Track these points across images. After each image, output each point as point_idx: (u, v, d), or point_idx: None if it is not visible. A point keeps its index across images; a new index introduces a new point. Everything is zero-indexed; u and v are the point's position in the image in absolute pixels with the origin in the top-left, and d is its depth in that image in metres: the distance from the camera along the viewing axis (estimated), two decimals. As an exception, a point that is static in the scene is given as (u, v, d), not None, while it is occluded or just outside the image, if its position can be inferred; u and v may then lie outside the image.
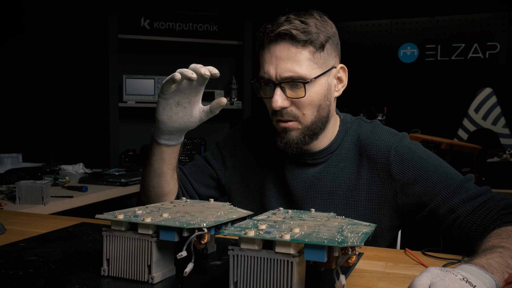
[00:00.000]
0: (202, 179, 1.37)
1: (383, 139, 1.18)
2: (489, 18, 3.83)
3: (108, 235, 0.79)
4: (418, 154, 1.16)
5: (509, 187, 2.55)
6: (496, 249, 0.82)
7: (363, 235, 0.70)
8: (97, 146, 3.82)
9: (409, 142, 1.19)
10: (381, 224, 1.18)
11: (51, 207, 1.97)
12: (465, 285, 0.64)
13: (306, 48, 1.09)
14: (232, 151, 1.36)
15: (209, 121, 1.19)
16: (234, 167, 1.35)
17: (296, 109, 1.13)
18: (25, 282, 0.77)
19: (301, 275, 0.68)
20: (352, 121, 1.26)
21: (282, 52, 1.09)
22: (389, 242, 1.24)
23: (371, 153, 1.19)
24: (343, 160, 1.21)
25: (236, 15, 4.02)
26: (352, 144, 1.22)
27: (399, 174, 1.15)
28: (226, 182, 1.36)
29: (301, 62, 1.09)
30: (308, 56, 1.09)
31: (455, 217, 1.08)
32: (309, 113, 1.13)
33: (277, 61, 1.10)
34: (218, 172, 1.36)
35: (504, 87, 3.79)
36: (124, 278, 0.79)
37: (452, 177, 1.12)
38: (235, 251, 0.68)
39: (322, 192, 1.21)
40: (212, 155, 1.39)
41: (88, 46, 3.90)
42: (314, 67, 1.10)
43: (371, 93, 4.04)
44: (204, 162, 1.39)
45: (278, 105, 1.10)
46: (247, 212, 0.91)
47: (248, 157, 1.33)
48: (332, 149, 1.22)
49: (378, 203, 1.18)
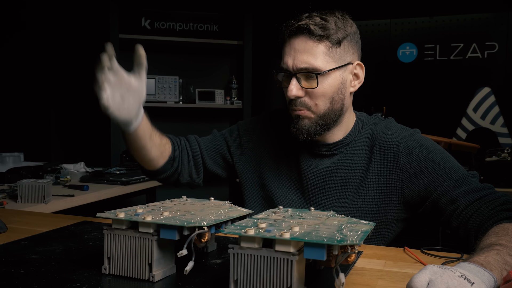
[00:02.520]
0: (215, 156, 1.41)
1: (395, 133, 1.24)
2: (487, 18, 3.83)
3: (109, 233, 0.80)
4: (426, 147, 1.20)
5: (508, 185, 2.56)
6: (494, 246, 0.83)
7: (362, 234, 0.70)
8: (98, 145, 3.83)
9: (420, 136, 1.24)
10: (386, 215, 1.21)
11: (53, 206, 1.98)
12: (463, 282, 0.64)
13: (323, 42, 1.15)
14: (251, 138, 1.40)
15: (209, 121, 1.20)
16: (250, 154, 1.39)
17: (309, 99, 1.18)
18: (27, 280, 0.78)
19: (301, 273, 0.68)
20: (368, 117, 1.32)
21: (299, 45, 1.16)
22: (393, 235, 1.25)
23: (382, 145, 1.23)
24: (357, 152, 1.26)
25: (236, 15, 4.02)
26: (367, 138, 1.27)
27: (407, 164, 1.19)
28: (240, 167, 1.39)
29: (317, 55, 1.15)
30: (324, 50, 1.15)
31: (455, 208, 1.11)
32: (321, 104, 1.18)
33: (295, 53, 1.16)
34: (233, 155, 1.40)
35: (503, 87, 3.80)
36: (125, 276, 0.79)
37: (457, 170, 1.16)
38: (235, 249, 0.68)
39: (335, 183, 1.25)
40: (232, 137, 1.42)
41: (89, 46, 3.90)
42: (329, 60, 1.16)
43: (370, 92, 4.04)
44: (223, 141, 1.42)
45: (293, 93, 1.16)
46: (247, 211, 0.92)
47: (264, 147, 1.37)
48: (347, 142, 1.26)
49: (385, 193, 1.21)
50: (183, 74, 4.01)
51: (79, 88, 3.99)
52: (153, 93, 3.76)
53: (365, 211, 1.21)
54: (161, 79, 3.78)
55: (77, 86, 4.00)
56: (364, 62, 1.25)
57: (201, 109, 4.04)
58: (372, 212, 1.20)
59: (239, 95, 4.05)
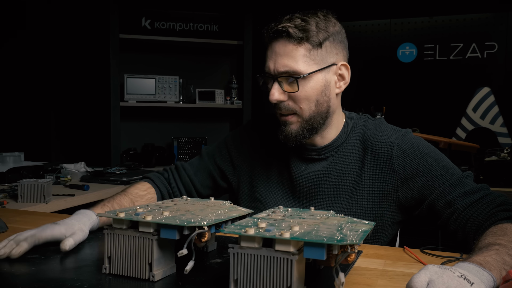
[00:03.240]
0: (205, 181, 1.39)
1: (387, 135, 1.21)
2: (487, 18, 3.84)
3: (109, 233, 0.80)
4: (420, 148, 1.18)
5: (507, 185, 2.55)
6: (493, 246, 0.83)
7: (362, 233, 0.70)
8: (99, 145, 3.83)
9: (412, 137, 1.22)
10: (382, 219, 1.20)
11: (53, 206, 1.98)
12: (463, 282, 0.65)
13: (302, 45, 1.13)
14: (240, 151, 1.38)
15: (209, 120, 1.21)
16: (241, 167, 1.37)
17: (293, 103, 1.16)
18: (27, 280, 0.78)
19: (301, 272, 0.69)
20: (357, 117, 1.29)
21: (280, 48, 1.15)
22: (389, 238, 1.25)
23: (374, 148, 1.21)
24: (348, 156, 1.23)
25: (236, 15, 4.02)
26: (357, 140, 1.24)
27: (401, 168, 1.17)
28: (235, 182, 1.38)
29: (297, 58, 1.13)
30: (304, 52, 1.14)
31: (452, 211, 1.09)
32: (306, 107, 1.16)
33: (275, 56, 1.15)
34: (227, 174, 1.38)
35: (502, 87, 3.80)
36: (125, 276, 0.79)
37: (452, 172, 1.14)
38: (235, 249, 0.69)
39: (328, 188, 1.23)
40: (221, 155, 1.39)
41: (90, 46, 3.91)
42: (310, 63, 1.14)
43: (370, 92, 4.04)
44: (213, 164, 1.40)
45: (275, 98, 1.15)
46: (247, 210, 0.92)
47: (254, 156, 1.35)
48: (337, 144, 1.24)
49: (380, 197, 1.19)
50: (183, 74, 4.01)
51: (79, 88, 4.00)
52: (153, 93, 3.77)
53: (360, 216, 1.18)
54: (161, 79, 3.79)
55: (78, 86, 4.00)
56: (363, 61, 1.25)
57: (201, 109, 4.04)
58: (368, 216, 1.19)
59: (239, 95, 4.05)
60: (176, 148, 3.96)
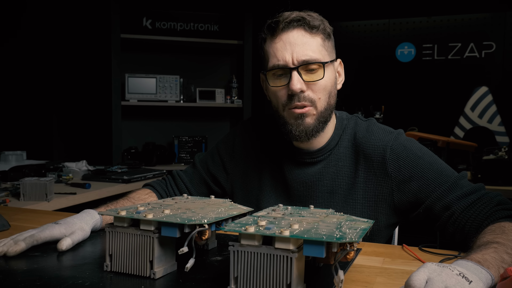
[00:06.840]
0: (200, 188, 1.39)
1: (379, 138, 1.19)
2: (485, 18, 3.84)
3: (110, 231, 0.81)
4: (413, 151, 1.17)
5: (505, 184, 2.56)
6: (491, 244, 0.83)
7: (361, 231, 0.71)
8: (100, 144, 3.84)
9: (405, 139, 1.20)
10: (378, 222, 1.19)
11: (55, 204, 1.99)
12: (461, 280, 0.65)
13: (318, 34, 1.14)
14: (232, 156, 1.36)
15: (209, 119, 1.21)
16: (234, 171, 1.35)
17: (312, 93, 1.14)
18: (29, 277, 0.79)
19: (300, 270, 0.69)
20: (348, 118, 1.27)
21: (296, 38, 1.12)
22: (385, 240, 1.24)
23: (367, 152, 1.19)
24: (341, 159, 1.22)
25: (236, 15, 4.03)
26: (350, 142, 1.23)
27: (395, 172, 1.16)
28: (229, 187, 1.37)
29: (315, 48, 1.13)
30: (321, 42, 1.14)
31: (450, 214, 1.08)
32: (323, 98, 1.15)
33: (292, 46, 1.12)
34: (220, 180, 1.37)
35: (500, 86, 3.81)
36: (126, 273, 0.80)
37: (447, 174, 1.13)
38: (235, 246, 0.69)
39: (322, 192, 1.22)
40: (214, 162, 1.38)
41: (91, 46, 3.92)
42: (325, 53, 1.15)
43: (369, 91, 4.04)
44: (205, 172, 1.39)
45: (298, 87, 1.11)
46: (247, 209, 0.92)
47: (247, 159, 1.34)
48: (330, 147, 1.23)
49: (375, 201, 1.18)
50: (184, 74, 4.02)
51: (81, 87, 4.01)
52: (154, 92, 3.78)
53: None
54: (162, 78, 3.79)
55: (79, 85, 4.01)
56: (362, 61, 1.25)
57: (201, 108, 4.04)
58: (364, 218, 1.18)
59: (239, 94, 4.06)
60: (177, 147, 3.96)
